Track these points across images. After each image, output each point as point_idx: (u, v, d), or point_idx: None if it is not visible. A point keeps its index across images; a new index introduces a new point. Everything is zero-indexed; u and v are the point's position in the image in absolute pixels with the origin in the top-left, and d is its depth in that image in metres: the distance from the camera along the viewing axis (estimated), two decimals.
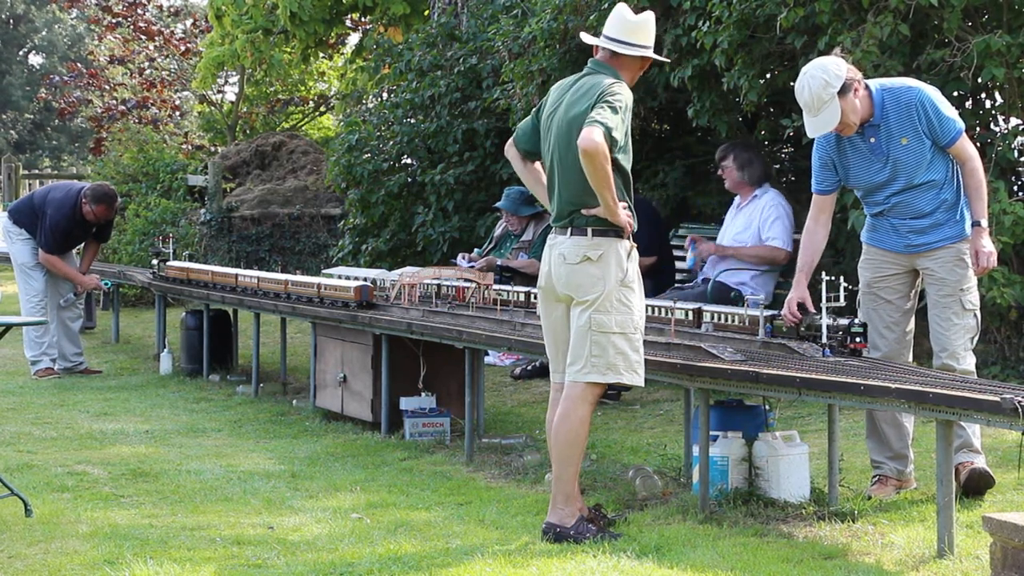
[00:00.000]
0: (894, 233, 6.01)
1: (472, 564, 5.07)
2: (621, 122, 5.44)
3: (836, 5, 7.56)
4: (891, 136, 5.88)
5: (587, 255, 5.52)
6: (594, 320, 5.49)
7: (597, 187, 5.40)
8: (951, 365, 5.82)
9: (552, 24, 9.47)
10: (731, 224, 8.69)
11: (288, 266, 14.83)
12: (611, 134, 5.37)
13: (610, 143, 5.37)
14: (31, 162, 40.85)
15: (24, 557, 5.34)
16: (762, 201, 8.50)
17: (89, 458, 7.53)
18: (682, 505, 5.88)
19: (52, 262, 11.15)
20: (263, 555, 5.33)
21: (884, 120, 5.88)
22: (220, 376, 10.69)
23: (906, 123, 5.85)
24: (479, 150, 11.78)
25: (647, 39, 5.66)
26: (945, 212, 5.91)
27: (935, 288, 5.93)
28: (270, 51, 17.39)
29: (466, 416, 7.35)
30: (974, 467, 5.82)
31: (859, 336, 5.78)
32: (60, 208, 10.99)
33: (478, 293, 8.12)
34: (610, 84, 5.52)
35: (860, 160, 5.97)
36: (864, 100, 5.85)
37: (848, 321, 5.83)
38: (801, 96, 5.82)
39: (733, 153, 8.59)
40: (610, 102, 5.43)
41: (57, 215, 10.99)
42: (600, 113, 5.39)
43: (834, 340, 5.81)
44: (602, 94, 5.47)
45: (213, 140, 23.19)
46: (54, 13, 43.37)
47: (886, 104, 5.88)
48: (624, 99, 5.49)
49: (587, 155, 5.33)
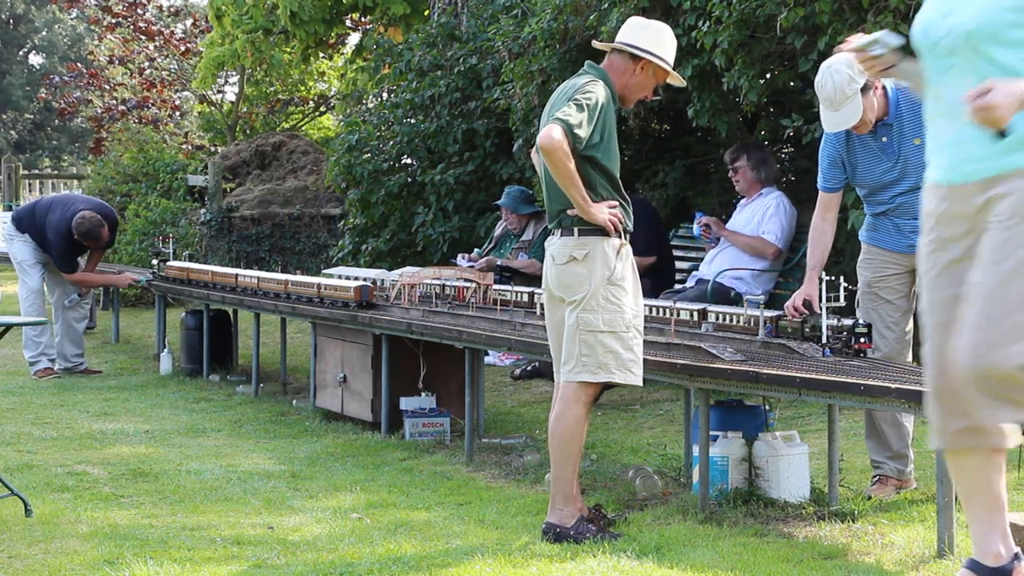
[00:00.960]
0: (896, 233, 6.00)
1: (472, 564, 5.07)
2: (589, 119, 5.36)
3: (836, 5, 7.56)
4: (904, 136, 5.86)
5: (573, 255, 5.52)
6: (581, 319, 5.49)
7: (561, 185, 5.39)
8: None
9: (552, 24, 9.48)
10: (735, 218, 8.72)
11: (288, 266, 14.83)
12: (572, 131, 5.31)
13: (572, 139, 5.33)
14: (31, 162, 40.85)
15: (24, 557, 5.34)
16: (767, 199, 8.52)
17: (89, 458, 7.53)
18: (682, 505, 5.88)
19: (80, 279, 11.23)
20: (263, 555, 5.33)
21: (898, 120, 5.86)
22: (220, 376, 10.69)
23: (921, 123, 5.82)
24: (479, 150, 11.78)
25: (654, 46, 5.63)
26: None
27: None
28: (270, 51, 17.41)
29: (466, 416, 7.35)
30: None
31: (863, 336, 5.77)
32: (57, 232, 11.00)
33: (478, 293, 8.12)
34: (584, 83, 5.49)
35: (870, 159, 5.96)
36: (880, 99, 5.84)
37: (852, 322, 5.83)
38: (823, 90, 5.76)
39: (746, 153, 8.58)
40: (578, 100, 5.40)
41: (57, 240, 11.02)
42: (563, 111, 5.36)
43: (838, 341, 5.81)
44: (574, 92, 5.46)
45: (213, 140, 23.20)
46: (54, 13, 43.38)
47: (901, 104, 5.86)
48: (595, 97, 5.42)
49: (544, 152, 5.32)
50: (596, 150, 5.45)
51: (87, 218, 10.96)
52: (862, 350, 5.75)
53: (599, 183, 5.48)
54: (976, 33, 3.87)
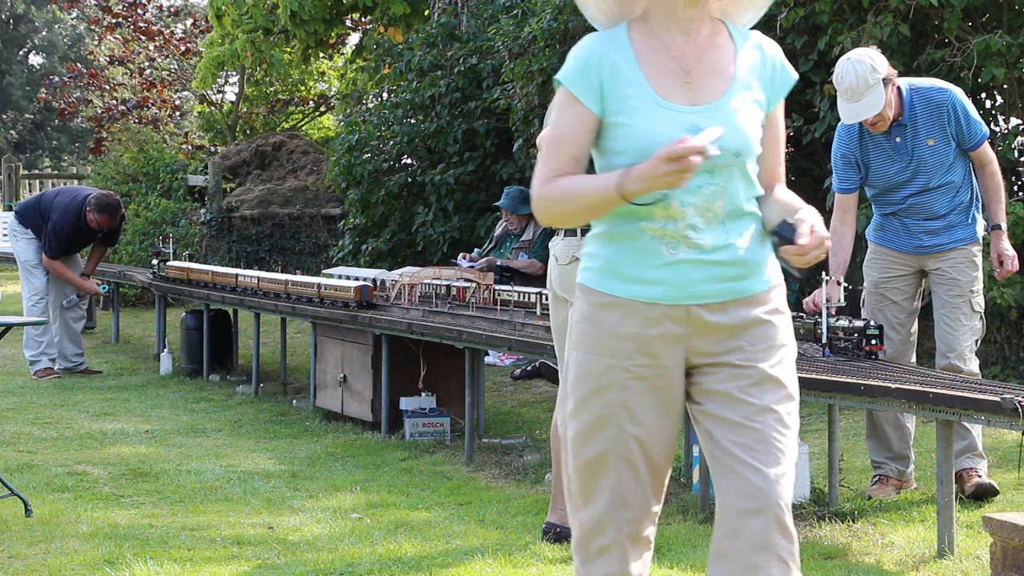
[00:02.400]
0: (905, 233, 5.98)
1: (472, 564, 5.07)
2: None
3: (836, 5, 7.56)
4: (917, 136, 5.84)
5: (575, 255, 5.53)
6: None
7: None
8: (958, 366, 5.80)
9: (552, 24, 9.48)
10: None
11: (288, 266, 14.82)
12: None
13: None
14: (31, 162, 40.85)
15: (24, 557, 5.34)
16: None
17: (89, 458, 7.53)
18: (682, 505, 5.88)
19: (54, 266, 11.18)
20: (263, 555, 5.33)
21: (912, 120, 5.83)
22: (220, 376, 10.69)
23: (935, 124, 5.81)
24: (479, 150, 11.78)
25: None
26: (959, 214, 5.89)
27: (945, 288, 5.90)
28: (270, 51, 17.39)
29: (466, 416, 7.35)
30: (980, 482, 5.81)
31: (875, 338, 5.75)
32: (65, 214, 11.01)
33: (478, 293, 8.12)
34: None
35: (882, 159, 5.94)
36: (895, 98, 5.81)
37: (864, 323, 5.81)
38: (844, 80, 5.70)
39: None
40: None
41: (61, 221, 11.00)
42: None
43: (849, 342, 5.79)
44: None
45: (213, 140, 23.19)
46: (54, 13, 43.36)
47: (915, 104, 5.83)
48: None
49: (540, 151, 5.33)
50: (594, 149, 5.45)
51: (107, 194, 11.31)
52: (873, 352, 5.73)
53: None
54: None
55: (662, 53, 3.04)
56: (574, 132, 3.07)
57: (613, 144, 3.05)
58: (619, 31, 3.07)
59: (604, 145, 3.08)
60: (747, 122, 3.03)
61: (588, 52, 3.04)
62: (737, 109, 3.01)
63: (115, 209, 11.11)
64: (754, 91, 3.07)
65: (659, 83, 3.01)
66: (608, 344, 3.04)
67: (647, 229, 3.01)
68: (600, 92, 3.02)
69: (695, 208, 3.00)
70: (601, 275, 3.05)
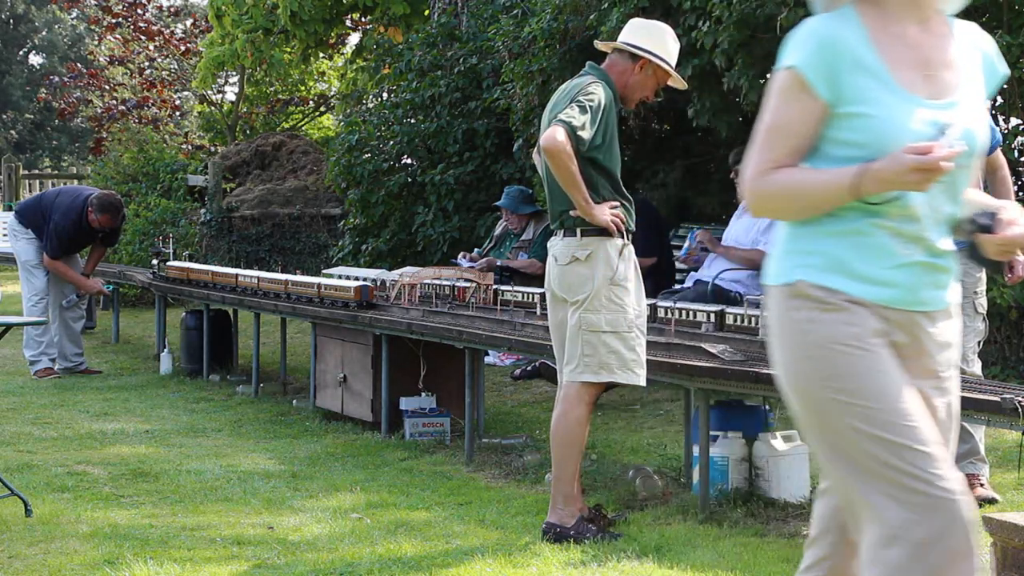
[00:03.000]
0: None
1: (472, 564, 5.07)
2: (591, 121, 5.38)
3: None
4: None
5: (575, 255, 5.53)
6: (584, 319, 5.50)
7: (564, 186, 5.41)
8: (961, 367, 5.79)
9: (552, 24, 9.48)
10: (734, 226, 8.69)
11: (288, 266, 14.81)
12: (576, 133, 5.32)
13: (576, 141, 5.34)
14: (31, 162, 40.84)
15: (24, 557, 5.34)
16: None
17: (89, 458, 7.53)
18: (682, 505, 5.88)
19: (56, 267, 11.18)
20: (263, 555, 5.33)
21: None
22: (220, 376, 10.69)
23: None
24: (479, 150, 11.78)
25: (654, 46, 5.63)
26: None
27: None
28: (270, 51, 17.39)
29: (466, 416, 7.35)
30: (982, 494, 5.80)
31: None
32: (66, 214, 11.01)
33: (478, 293, 8.12)
34: (587, 84, 5.50)
35: None
36: None
37: None
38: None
39: None
40: (581, 101, 5.41)
41: (63, 221, 11.01)
42: (567, 112, 5.38)
43: None
44: (577, 94, 5.46)
45: (213, 140, 23.19)
46: (54, 13, 43.36)
47: None
48: (597, 98, 5.44)
49: (548, 153, 5.33)
50: (598, 151, 5.46)
51: (109, 194, 11.33)
52: None
53: (601, 184, 5.48)
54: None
55: (900, 40, 2.84)
56: (799, 123, 2.87)
57: (847, 135, 2.84)
58: (848, 13, 2.85)
59: (833, 136, 2.86)
60: (981, 120, 2.90)
61: (821, 35, 2.83)
62: (973, 106, 2.87)
63: (117, 209, 11.12)
64: (979, 85, 2.94)
65: (899, 73, 2.81)
66: (840, 331, 2.84)
67: (881, 226, 2.83)
68: (834, 78, 2.81)
69: (929, 207, 2.84)
70: (823, 272, 2.85)
